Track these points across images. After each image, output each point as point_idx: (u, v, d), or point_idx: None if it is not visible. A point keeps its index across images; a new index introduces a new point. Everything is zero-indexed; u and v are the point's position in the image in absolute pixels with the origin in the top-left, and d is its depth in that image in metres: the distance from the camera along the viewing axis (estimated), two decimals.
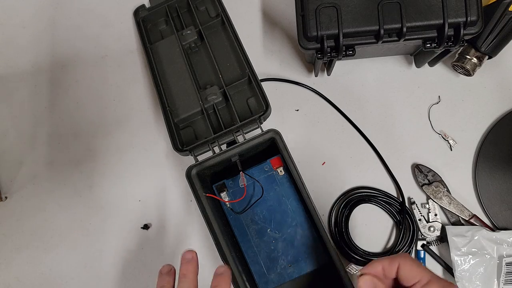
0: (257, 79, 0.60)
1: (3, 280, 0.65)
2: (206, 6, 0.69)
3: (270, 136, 0.56)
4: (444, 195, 0.62)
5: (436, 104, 0.66)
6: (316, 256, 0.57)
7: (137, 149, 0.68)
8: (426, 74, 0.67)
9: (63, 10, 0.75)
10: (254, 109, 0.61)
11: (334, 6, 0.51)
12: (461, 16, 0.51)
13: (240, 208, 0.59)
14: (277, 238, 0.58)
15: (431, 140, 0.65)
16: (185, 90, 0.63)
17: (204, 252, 0.63)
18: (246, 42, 0.62)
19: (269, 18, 0.72)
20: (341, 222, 0.62)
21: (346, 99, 0.67)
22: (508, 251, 0.57)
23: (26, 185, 0.68)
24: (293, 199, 0.58)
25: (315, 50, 0.54)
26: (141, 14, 0.71)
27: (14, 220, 0.67)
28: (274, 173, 0.59)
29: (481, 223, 0.60)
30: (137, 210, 0.66)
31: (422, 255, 0.60)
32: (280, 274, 0.57)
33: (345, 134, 0.66)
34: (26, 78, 0.73)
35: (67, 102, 0.71)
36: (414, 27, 0.52)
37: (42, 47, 0.74)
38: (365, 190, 0.63)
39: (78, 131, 0.70)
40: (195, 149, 0.58)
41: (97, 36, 0.74)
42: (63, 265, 0.65)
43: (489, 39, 0.58)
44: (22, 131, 0.71)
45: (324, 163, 0.65)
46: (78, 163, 0.68)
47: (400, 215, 0.62)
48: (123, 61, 0.72)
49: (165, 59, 0.66)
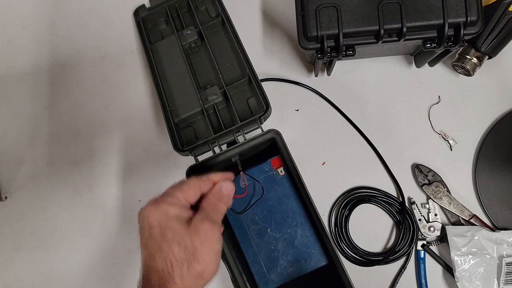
0: (257, 79, 0.60)
1: (3, 280, 0.65)
2: (206, 6, 0.69)
3: (270, 136, 0.56)
4: (444, 195, 0.62)
5: (436, 104, 0.66)
6: (316, 256, 0.57)
7: (137, 149, 0.68)
8: (426, 74, 0.67)
9: (63, 10, 0.75)
10: (254, 109, 0.61)
11: (334, 6, 0.51)
12: (461, 16, 0.51)
13: (240, 208, 0.59)
14: (277, 238, 0.58)
15: (431, 140, 0.65)
16: (185, 90, 0.63)
17: None
18: (246, 42, 0.62)
19: (269, 18, 0.72)
20: (341, 222, 0.62)
21: (346, 99, 0.67)
22: (508, 251, 0.57)
23: (26, 185, 0.68)
24: (293, 199, 0.58)
25: (315, 50, 0.54)
26: (141, 14, 0.71)
27: (14, 220, 0.67)
28: (274, 173, 0.59)
29: (481, 223, 0.60)
30: (137, 210, 0.65)
31: (422, 255, 0.60)
32: (281, 274, 0.57)
33: (345, 134, 0.66)
34: (26, 78, 0.72)
35: (67, 102, 0.71)
36: (414, 27, 0.52)
37: (42, 47, 0.74)
38: (365, 190, 0.63)
39: (78, 131, 0.70)
40: (195, 149, 0.58)
41: (97, 36, 0.74)
42: (63, 265, 0.65)
43: (489, 39, 0.58)
44: (22, 131, 0.70)
45: (324, 163, 0.65)
46: (78, 163, 0.68)
47: (400, 215, 0.62)
48: (123, 61, 0.72)
49: (165, 59, 0.66)
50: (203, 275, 0.40)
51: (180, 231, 0.40)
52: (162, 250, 0.39)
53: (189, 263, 0.39)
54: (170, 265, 0.39)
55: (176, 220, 0.41)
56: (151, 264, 0.40)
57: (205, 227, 0.40)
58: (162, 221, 0.41)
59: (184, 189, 0.44)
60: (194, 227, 0.40)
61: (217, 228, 0.42)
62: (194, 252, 0.39)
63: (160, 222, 0.41)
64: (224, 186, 0.46)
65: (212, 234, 0.40)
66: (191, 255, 0.39)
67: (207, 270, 0.40)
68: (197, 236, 0.40)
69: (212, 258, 0.40)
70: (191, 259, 0.39)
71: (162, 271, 0.39)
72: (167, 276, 0.39)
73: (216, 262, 0.41)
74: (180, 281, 0.39)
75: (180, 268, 0.39)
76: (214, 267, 0.41)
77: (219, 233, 0.42)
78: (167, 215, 0.41)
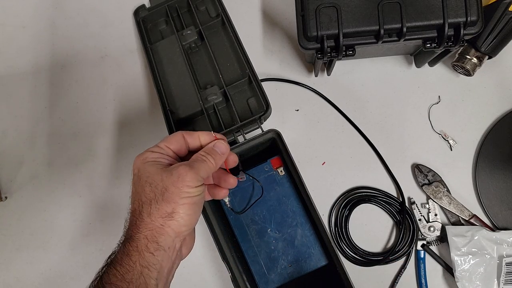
0: (257, 79, 0.60)
1: (3, 280, 0.65)
2: (206, 6, 0.69)
3: (270, 136, 0.56)
4: (444, 195, 0.62)
5: (436, 104, 0.66)
6: (316, 256, 0.57)
7: (137, 149, 0.68)
8: (426, 74, 0.67)
9: (63, 10, 0.75)
10: (254, 109, 0.61)
11: (334, 6, 0.51)
12: (461, 16, 0.51)
13: (240, 208, 0.59)
14: (277, 238, 0.58)
15: (431, 140, 0.65)
16: (185, 90, 0.63)
17: (204, 252, 0.63)
18: (246, 42, 0.62)
19: (269, 18, 0.72)
20: (341, 222, 0.62)
21: (346, 99, 0.67)
22: (508, 251, 0.57)
23: (26, 185, 0.68)
24: (293, 199, 0.58)
25: (315, 50, 0.54)
26: (141, 14, 0.71)
27: (14, 220, 0.67)
28: (274, 173, 0.59)
29: (481, 223, 0.60)
30: None
31: (422, 255, 0.60)
32: (281, 274, 0.57)
33: (345, 134, 0.66)
34: (26, 78, 0.72)
35: (67, 102, 0.71)
36: (414, 27, 0.52)
37: (42, 47, 0.74)
38: (365, 190, 0.63)
39: (78, 131, 0.70)
40: None
41: (97, 36, 0.74)
42: (63, 265, 0.65)
43: (489, 39, 0.58)
44: (22, 131, 0.70)
45: (324, 163, 0.65)
46: (78, 163, 0.68)
47: (400, 215, 0.62)
48: (123, 61, 0.72)
49: (165, 59, 0.66)
50: (174, 217, 0.39)
51: (153, 172, 0.40)
52: (137, 193, 0.40)
53: (157, 202, 0.39)
54: (141, 205, 0.39)
55: (153, 164, 0.41)
56: (130, 208, 0.41)
57: (180, 170, 0.39)
58: (141, 166, 0.41)
59: (167, 138, 0.44)
60: (169, 169, 0.40)
61: (194, 173, 0.40)
62: (163, 191, 0.39)
63: (139, 168, 0.41)
64: (216, 144, 0.45)
65: (186, 176, 0.39)
66: (160, 194, 0.39)
67: (178, 212, 0.39)
68: (169, 177, 0.39)
69: (184, 201, 0.39)
70: (159, 198, 0.39)
71: (134, 211, 0.40)
72: (138, 215, 0.39)
73: (190, 207, 0.39)
74: (148, 217, 0.39)
75: (148, 205, 0.39)
76: (187, 212, 0.39)
77: (195, 180, 0.40)
78: (146, 160, 0.41)
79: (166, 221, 0.39)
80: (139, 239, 0.38)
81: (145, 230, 0.39)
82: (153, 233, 0.38)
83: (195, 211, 0.40)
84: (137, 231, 0.39)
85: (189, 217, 0.40)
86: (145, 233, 0.38)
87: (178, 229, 0.39)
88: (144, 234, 0.38)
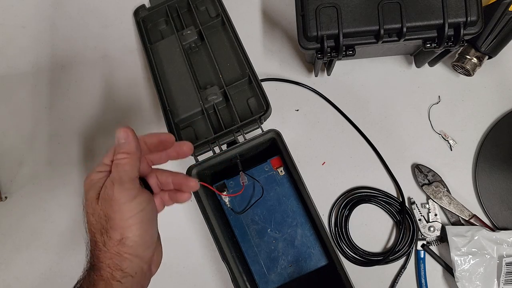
0: (257, 79, 0.60)
1: (3, 280, 0.65)
2: (206, 6, 0.69)
3: (270, 136, 0.56)
4: (444, 195, 0.62)
5: (436, 104, 0.66)
6: (316, 256, 0.57)
7: None
8: (426, 74, 0.67)
9: (63, 10, 0.75)
10: (254, 109, 0.61)
11: (334, 6, 0.51)
12: (461, 16, 0.51)
13: (240, 208, 0.59)
14: (277, 238, 0.58)
15: (431, 140, 0.65)
16: (185, 90, 0.63)
17: (204, 252, 0.63)
18: (246, 42, 0.62)
19: (269, 18, 0.72)
20: (341, 222, 0.62)
21: (346, 99, 0.67)
22: (508, 251, 0.57)
23: (26, 185, 0.68)
24: (293, 199, 0.58)
25: (315, 50, 0.54)
26: (141, 14, 0.71)
27: (14, 220, 0.67)
28: (274, 173, 0.59)
29: (481, 223, 0.60)
30: None
31: (422, 255, 0.60)
32: (281, 274, 0.57)
33: (345, 134, 0.66)
34: (26, 78, 0.73)
35: (67, 102, 0.71)
36: (414, 27, 0.52)
37: (42, 47, 0.74)
38: (365, 190, 0.63)
39: (78, 131, 0.70)
40: (195, 149, 0.58)
41: (97, 36, 0.74)
42: (63, 265, 0.65)
43: (489, 39, 0.58)
44: (22, 131, 0.70)
45: (324, 163, 0.65)
46: (78, 163, 0.68)
47: (400, 215, 0.62)
48: (123, 61, 0.72)
49: (165, 59, 0.66)
50: (126, 242, 0.37)
51: (92, 200, 0.38)
52: (88, 222, 0.38)
53: (106, 231, 0.37)
54: (93, 235, 0.38)
55: (94, 189, 0.38)
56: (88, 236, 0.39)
57: (107, 192, 0.37)
58: (86, 192, 0.39)
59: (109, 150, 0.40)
60: (102, 196, 0.37)
61: (127, 188, 0.37)
62: (107, 220, 0.37)
63: (85, 194, 0.39)
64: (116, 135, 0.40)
65: (115, 196, 0.36)
66: (105, 223, 0.37)
67: (128, 237, 0.37)
68: (106, 205, 0.37)
69: (130, 222, 0.37)
70: (107, 227, 0.37)
71: (91, 240, 0.38)
72: (94, 245, 0.38)
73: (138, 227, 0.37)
74: (104, 247, 0.37)
75: (100, 235, 0.37)
76: (136, 233, 0.37)
77: (133, 193, 0.37)
78: (91, 184, 0.39)
79: (120, 248, 0.37)
80: (102, 268, 0.37)
81: (105, 259, 0.37)
82: (114, 262, 0.37)
83: (145, 229, 0.38)
84: (98, 261, 0.37)
85: (141, 237, 0.38)
86: (106, 263, 0.37)
87: (136, 253, 0.38)
88: (106, 263, 0.37)
